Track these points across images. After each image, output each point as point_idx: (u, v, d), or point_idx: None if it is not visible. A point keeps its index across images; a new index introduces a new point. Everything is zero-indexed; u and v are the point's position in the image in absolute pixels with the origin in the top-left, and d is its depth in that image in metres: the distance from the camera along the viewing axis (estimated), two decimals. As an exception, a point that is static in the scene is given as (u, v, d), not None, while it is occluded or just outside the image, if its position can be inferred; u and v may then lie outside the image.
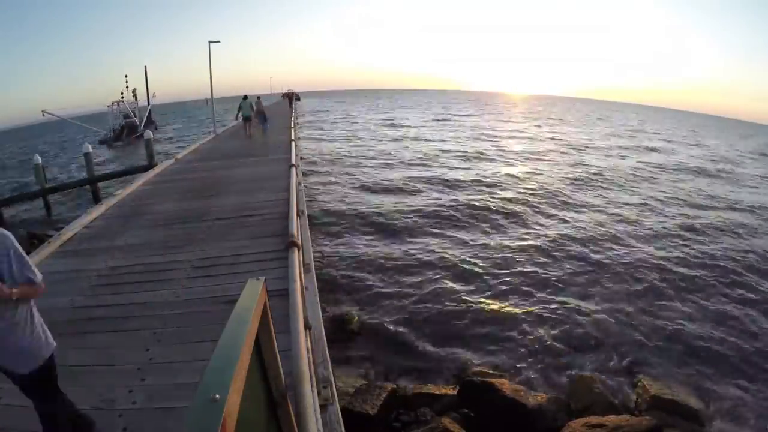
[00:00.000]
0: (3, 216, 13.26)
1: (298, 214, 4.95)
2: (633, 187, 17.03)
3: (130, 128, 35.37)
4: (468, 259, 9.11)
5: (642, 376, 5.51)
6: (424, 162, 19.72)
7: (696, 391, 5.42)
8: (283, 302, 2.81)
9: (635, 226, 11.97)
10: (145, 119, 37.87)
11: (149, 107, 41.67)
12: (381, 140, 27.40)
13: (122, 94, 40.43)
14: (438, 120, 45.08)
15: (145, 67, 46.25)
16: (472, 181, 16.20)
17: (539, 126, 43.92)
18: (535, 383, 5.42)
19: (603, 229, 11.49)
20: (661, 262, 9.42)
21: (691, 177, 20.42)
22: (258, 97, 17.89)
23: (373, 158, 20.42)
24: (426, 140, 27.75)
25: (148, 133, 16.79)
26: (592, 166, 20.72)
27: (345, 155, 21.07)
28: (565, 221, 12.00)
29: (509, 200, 13.74)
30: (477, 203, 13.18)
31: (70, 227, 5.62)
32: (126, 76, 42.57)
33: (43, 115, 30.93)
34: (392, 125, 37.92)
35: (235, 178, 8.38)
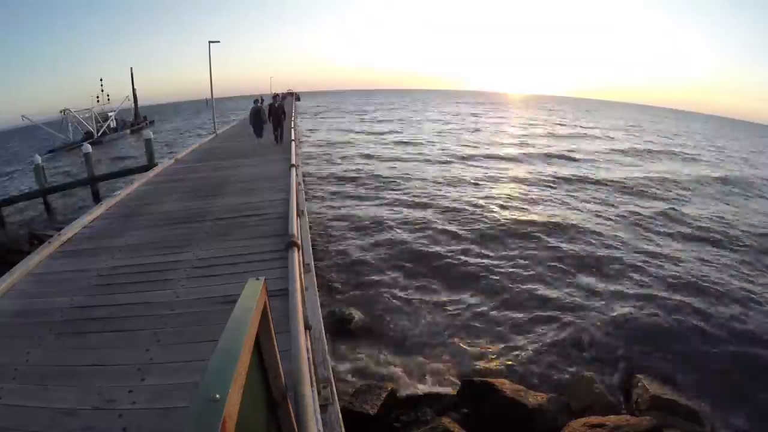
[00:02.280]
0: (3, 216, 13.27)
1: (298, 214, 4.94)
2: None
3: (87, 135, 34.25)
4: (468, 256, 9.11)
5: (642, 376, 5.51)
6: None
7: (696, 391, 5.42)
8: (283, 302, 2.80)
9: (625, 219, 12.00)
10: (104, 126, 36.74)
11: (114, 112, 40.59)
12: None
13: (98, 98, 40.36)
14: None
15: (131, 68, 46.10)
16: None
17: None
18: (535, 383, 5.42)
19: (600, 225, 11.50)
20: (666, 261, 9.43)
21: None
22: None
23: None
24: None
25: (148, 133, 16.78)
26: None
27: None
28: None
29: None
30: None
31: (70, 227, 5.61)
32: (101, 80, 42.16)
33: (23, 119, 31.02)
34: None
35: (235, 178, 8.38)
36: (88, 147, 14.92)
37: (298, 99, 50.51)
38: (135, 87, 45.75)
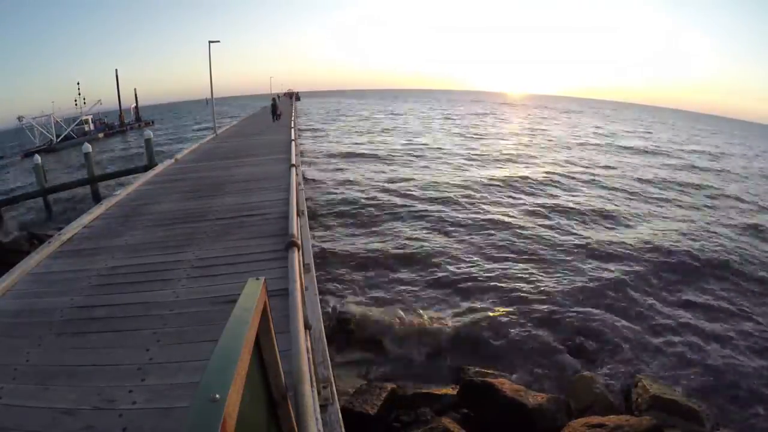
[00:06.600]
0: (3, 216, 13.27)
1: (298, 214, 4.94)
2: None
3: (48, 142, 34.22)
4: (469, 255, 9.11)
5: (642, 376, 5.51)
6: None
7: (696, 391, 5.42)
8: (283, 302, 2.80)
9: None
10: (67, 131, 36.49)
11: (87, 116, 40.24)
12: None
13: (75, 101, 40.24)
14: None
15: (116, 70, 45.98)
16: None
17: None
18: (535, 383, 5.42)
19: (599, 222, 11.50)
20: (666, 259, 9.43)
21: None
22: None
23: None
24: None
25: (148, 133, 16.79)
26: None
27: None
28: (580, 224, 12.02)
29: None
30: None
31: (70, 227, 5.61)
32: (78, 84, 41.50)
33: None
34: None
35: (235, 178, 8.38)
36: (88, 147, 14.93)
37: (298, 99, 50.23)
38: (134, 89, 46.01)
